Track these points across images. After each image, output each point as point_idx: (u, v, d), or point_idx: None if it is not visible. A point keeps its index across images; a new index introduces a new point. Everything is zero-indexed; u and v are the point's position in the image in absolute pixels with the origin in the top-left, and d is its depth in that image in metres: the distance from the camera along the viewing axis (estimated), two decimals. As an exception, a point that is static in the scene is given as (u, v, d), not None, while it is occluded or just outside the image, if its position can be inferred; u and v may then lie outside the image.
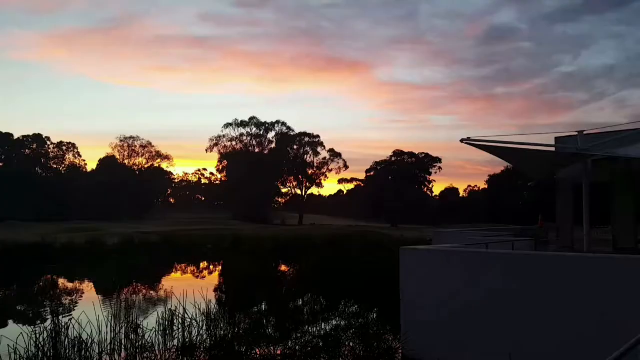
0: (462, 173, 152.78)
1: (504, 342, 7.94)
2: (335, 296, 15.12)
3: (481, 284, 8.56)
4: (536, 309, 7.80)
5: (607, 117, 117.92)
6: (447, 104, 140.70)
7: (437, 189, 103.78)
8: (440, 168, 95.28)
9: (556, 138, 16.23)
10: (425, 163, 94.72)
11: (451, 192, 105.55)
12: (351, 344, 8.83)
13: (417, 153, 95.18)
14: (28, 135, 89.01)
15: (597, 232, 16.94)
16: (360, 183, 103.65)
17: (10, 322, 14.77)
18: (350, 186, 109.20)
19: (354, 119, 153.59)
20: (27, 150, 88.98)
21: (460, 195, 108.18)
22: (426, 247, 10.87)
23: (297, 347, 8.68)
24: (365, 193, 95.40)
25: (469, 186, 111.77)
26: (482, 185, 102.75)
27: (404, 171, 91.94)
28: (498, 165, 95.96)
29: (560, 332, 7.47)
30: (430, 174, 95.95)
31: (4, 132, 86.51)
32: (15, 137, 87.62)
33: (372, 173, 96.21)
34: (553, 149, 14.04)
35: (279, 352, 8.70)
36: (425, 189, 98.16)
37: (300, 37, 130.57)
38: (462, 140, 11.27)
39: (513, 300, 8.07)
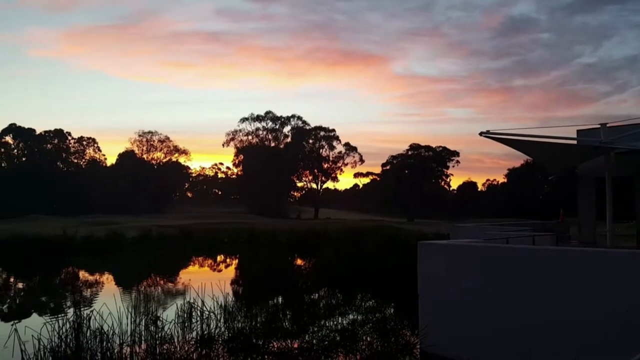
0: (480, 167, 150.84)
1: (524, 338, 7.83)
2: (352, 290, 15.11)
3: (500, 280, 8.45)
4: (557, 305, 7.67)
5: (630, 109, 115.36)
6: (464, 97, 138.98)
7: (455, 183, 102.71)
8: (457, 162, 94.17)
9: (578, 131, 15.94)
10: (442, 156, 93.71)
11: (469, 186, 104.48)
12: (368, 338, 8.80)
13: (434, 146, 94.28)
14: (49, 131, 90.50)
15: (620, 227, 16.60)
16: (376, 177, 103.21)
17: (34, 312, 15.08)
18: (366, 180, 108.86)
19: (370, 112, 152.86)
20: (48, 145, 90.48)
21: (479, 190, 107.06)
22: (444, 241, 10.77)
23: (314, 341, 8.69)
24: (381, 187, 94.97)
25: (488, 180, 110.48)
26: (501, 179, 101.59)
27: (421, 165, 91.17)
28: (517, 159, 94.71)
29: (581, 330, 7.34)
30: (447, 167, 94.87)
31: (26, 127, 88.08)
32: (37, 132, 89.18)
33: (388, 167, 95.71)
34: (575, 142, 13.78)
35: (295, 346, 8.72)
36: (443, 183, 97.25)
37: (314, 30, 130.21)
38: (481, 134, 11.12)
39: (533, 296, 7.96)
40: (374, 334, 8.94)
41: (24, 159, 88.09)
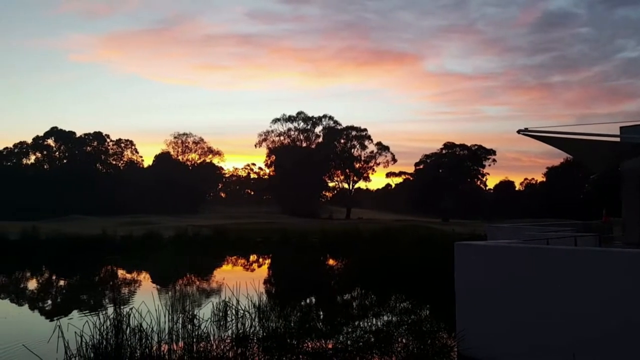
0: (517, 165, 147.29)
1: (566, 343, 7.57)
2: (385, 291, 14.97)
3: (541, 282, 8.19)
4: (602, 308, 7.37)
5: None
6: (500, 94, 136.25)
7: (491, 182, 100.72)
8: (494, 160, 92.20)
9: (621, 127, 15.33)
10: (478, 155, 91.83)
11: (506, 185, 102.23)
12: (404, 340, 8.69)
13: (469, 145, 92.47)
14: (89, 133, 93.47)
15: (667, 227, 15.87)
16: (409, 177, 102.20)
17: (74, 310, 15.56)
18: (399, 180, 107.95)
19: (402, 111, 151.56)
20: (88, 148, 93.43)
21: (516, 189, 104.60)
22: (482, 242, 10.53)
23: (349, 342, 8.64)
24: (414, 187, 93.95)
25: (525, 179, 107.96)
26: (540, 178, 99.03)
27: (456, 164, 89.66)
28: (556, 157, 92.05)
29: (627, 335, 7.03)
30: (483, 166, 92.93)
31: (66, 130, 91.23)
32: (77, 135, 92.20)
33: (421, 166, 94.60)
34: (618, 139, 13.25)
35: (330, 346, 8.68)
36: (479, 182, 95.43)
37: (345, 30, 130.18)
38: (519, 131, 10.82)
39: (577, 299, 7.67)
40: (409, 335, 8.82)
41: (65, 161, 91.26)
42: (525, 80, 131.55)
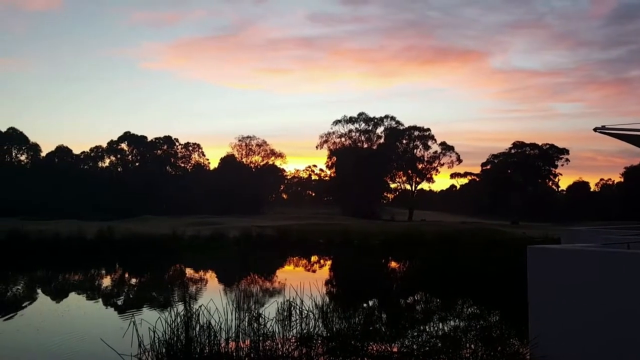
0: (592, 165, 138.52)
1: (654, 355, 6.98)
2: (451, 295, 14.54)
3: (622, 288, 7.62)
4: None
5: None
6: (572, 91, 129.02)
7: (564, 183, 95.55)
8: (567, 160, 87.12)
9: None
10: (549, 155, 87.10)
11: (580, 186, 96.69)
12: (472, 346, 8.37)
13: (539, 144, 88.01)
14: (159, 138, 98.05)
15: None
16: (474, 177, 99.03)
17: (145, 306, 16.31)
18: (464, 181, 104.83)
19: (467, 110, 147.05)
20: (158, 151, 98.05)
21: (591, 190, 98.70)
22: (557, 246, 9.97)
23: (415, 346, 8.45)
24: (481, 188, 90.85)
25: (602, 179, 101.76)
26: (617, 178, 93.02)
27: (525, 164, 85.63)
28: (636, 156, 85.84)
29: None
30: (555, 166, 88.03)
31: (138, 135, 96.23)
32: (149, 139, 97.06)
33: (488, 166, 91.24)
34: None
35: (394, 350, 8.53)
36: (550, 183, 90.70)
37: (407, 29, 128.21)
38: (596, 129, 10.15)
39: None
40: (478, 341, 8.49)
41: (137, 164, 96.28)
42: (599, 75, 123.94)
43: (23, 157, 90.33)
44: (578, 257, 8.52)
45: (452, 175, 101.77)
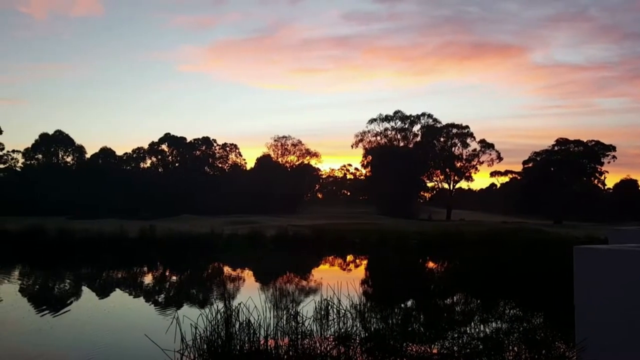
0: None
1: None
2: (491, 297, 14.21)
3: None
4: None
5: None
6: (618, 85, 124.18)
7: (611, 181, 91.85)
8: (614, 157, 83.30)
9: None
10: (595, 152, 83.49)
11: (628, 184, 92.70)
12: (515, 349, 8.15)
13: (584, 141, 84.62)
14: (198, 139, 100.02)
15: None
16: (516, 176, 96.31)
17: (185, 303, 16.68)
18: (504, 179, 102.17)
19: (507, 106, 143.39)
20: (197, 152, 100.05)
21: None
22: (606, 246, 9.57)
23: (455, 348, 8.29)
24: (523, 186, 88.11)
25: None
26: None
27: (569, 161, 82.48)
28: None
29: None
30: (601, 164, 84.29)
31: (178, 136, 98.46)
32: (188, 140, 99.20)
33: (530, 164, 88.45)
34: None
35: (434, 352, 8.39)
36: (596, 181, 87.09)
37: (444, 25, 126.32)
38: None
39: None
40: (521, 344, 8.25)
41: (177, 164, 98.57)
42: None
43: (69, 159, 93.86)
44: (628, 257, 8.16)
45: (492, 174, 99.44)
